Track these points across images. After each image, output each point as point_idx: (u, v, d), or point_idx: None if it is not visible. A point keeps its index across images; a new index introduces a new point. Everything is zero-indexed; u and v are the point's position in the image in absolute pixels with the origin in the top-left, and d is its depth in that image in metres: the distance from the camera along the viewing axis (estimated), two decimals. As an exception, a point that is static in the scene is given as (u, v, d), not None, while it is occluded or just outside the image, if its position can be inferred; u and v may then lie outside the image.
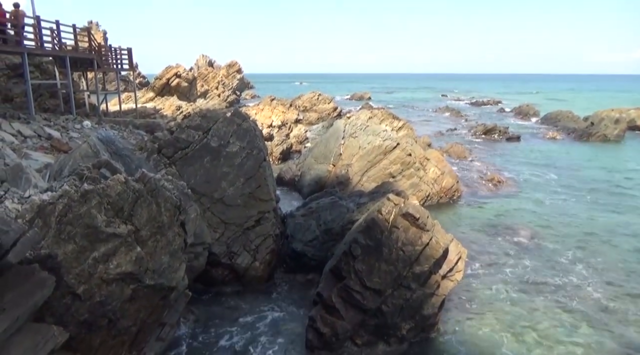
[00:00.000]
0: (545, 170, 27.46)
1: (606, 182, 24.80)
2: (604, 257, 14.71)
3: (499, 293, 12.35)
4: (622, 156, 32.96)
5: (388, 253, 9.67)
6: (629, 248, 15.55)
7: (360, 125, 23.60)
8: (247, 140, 12.64)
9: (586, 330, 10.63)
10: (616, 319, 11.12)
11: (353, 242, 9.86)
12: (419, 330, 9.65)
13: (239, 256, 11.60)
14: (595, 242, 16.04)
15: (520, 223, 17.91)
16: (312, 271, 12.24)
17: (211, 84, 58.31)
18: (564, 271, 13.69)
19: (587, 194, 22.41)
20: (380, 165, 20.54)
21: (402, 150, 20.74)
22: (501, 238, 16.44)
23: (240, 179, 12.17)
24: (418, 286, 9.63)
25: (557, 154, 33.06)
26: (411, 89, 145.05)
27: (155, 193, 7.04)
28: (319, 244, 12.69)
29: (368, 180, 19.93)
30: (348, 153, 21.26)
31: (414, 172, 20.53)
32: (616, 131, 40.25)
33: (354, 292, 9.25)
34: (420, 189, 20.11)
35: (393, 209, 10.28)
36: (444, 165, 21.63)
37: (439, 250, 9.89)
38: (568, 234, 16.81)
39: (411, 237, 9.85)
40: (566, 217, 18.80)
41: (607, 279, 13.18)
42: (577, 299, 12.04)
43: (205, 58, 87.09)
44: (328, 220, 13.18)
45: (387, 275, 9.46)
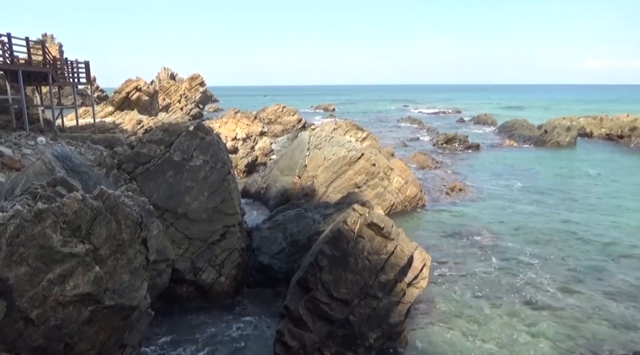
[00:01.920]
0: (504, 177, 28.48)
1: (560, 186, 25.95)
2: (561, 257, 15.34)
3: (463, 297, 12.64)
4: (574, 162, 34.62)
5: (354, 263, 9.75)
6: (583, 247, 16.27)
7: (324, 136, 23.82)
8: (210, 154, 12.51)
9: (548, 328, 11.01)
10: (576, 315, 11.58)
11: (319, 253, 9.88)
12: (386, 338, 9.73)
13: (204, 272, 11.39)
14: (552, 243, 16.71)
15: (482, 228, 18.45)
16: (279, 284, 12.15)
17: (173, 97, 57.43)
18: (525, 272, 14.18)
19: (543, 198, 23.39)
20: (345, 176, 20.73)
21: (367, 161, 21.03)
22: (464, 243, 16.88)
23: (205, 193, 12.00)
24: (384, 295, 9.73)
25: (515, 161, 34.38)
26: (375, 100, 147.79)
27: (115, 210, 6.85)
28: (286, 257, 12.64)
29: (334, 191, 20.06)
30: (313, 164, 21.37)
31: (378, 182, 20.84)
32: (568, 138, 42.31)
33: (321, 303, 9.25)
34: (385, 198, 20.42)
35: (358, 219, 10.38)
36: (407, 175, 22.06)
37: (403, 258, 10.06)
38: (527, 236, 17.45)
39: (376, 247, 9.98)
40: (525, 220, 19.52)
41: (565, 278, 13.74)
42: (538, 298, 12.48)
43: (167, 71, 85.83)
44: (294, 232, 13.16)
45: (354, 285, 9.53)
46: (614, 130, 45.98)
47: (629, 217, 19.82)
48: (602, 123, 49.15)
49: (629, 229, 18.18)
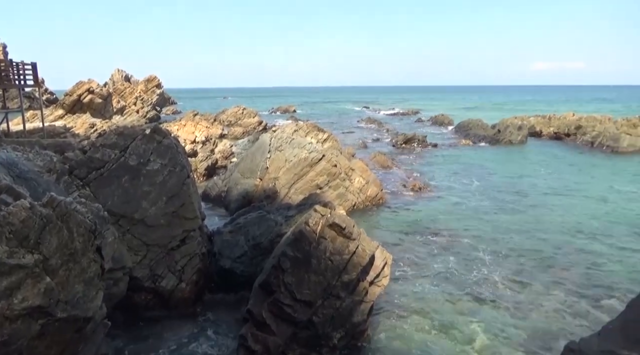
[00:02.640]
0: (461, 175, 29.40)
1: (513, 183, 27.06)
2: (512, 252, 15.98)
3: (424, 293, 12.95)
4: (525, 159, 36.19)
5: (317, 264, 9.78)
6: (532, 242, 17.03)
7: (286, 138, 23.77)
8: (168, 158, 12.21)
9: (500, 319, 11.50)
10: (525, 306, 12.15)
11: (282, 255, 9.85)
12: (350, 338, 9.83)
13: (164, 278, 11.09)
14: (505, 239, 17.38)
15: (440, 225, 18.97)
16: (242, 288, 12.00)
17: (128, 99, 55.63)
18: (479, 267, 14.70)
19: (497, 195, 24.30)
20: (307, 177, 20.77)
21: (328, 162, 21.16)
22: (423, 240, 17.29)
23: (163, 197, 11.70)
24: (347, 295, 9.83)
25: (471, 159, 35.55)
26: (336, 101, 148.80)
27: (66, 218, 6.56)
28: (248, 260, 12.51)
29: (295, 193, 20.05)
30: (275, 166, 21.28)
31: (340, 182, 21.02)
32: (519, 137, 44.17)
33: (285, 306, 9.22)
34: (346, 198, 20.61)
35: (320, 220, 10.42)
36: (368, 175, 22.37)
37: (365, 257, 10.18)
38: (482, 233, 18.08)
39: (338, 247, 10.06)
40: (480, 217, 20.22)
41: (515, 272, 14.34)
42: (490, 292, 13.00)
43: (121, 73, 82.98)
44: (256, 235, 13.06)
45: (317, 286, 9.56)
46: (561, 128, 48.40)
47: (574, 213, 20.92)
48: (550, 122, 51.65)
49: (574, 224, 19.15)
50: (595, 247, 16.45)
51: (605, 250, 16.13)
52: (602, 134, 41.90)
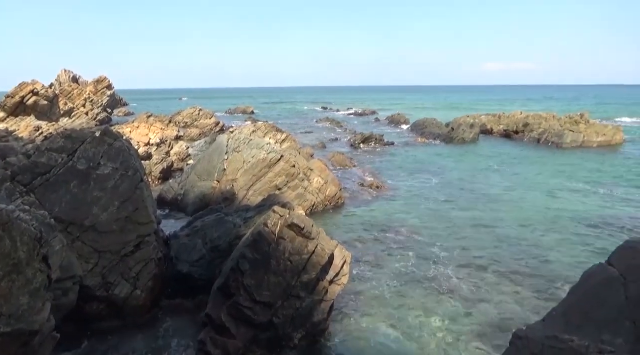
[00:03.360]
0: (418, 173, 30.13)
1: (467, 180, 28.01)
2: (467, 248, 16.53)
3: (383, 290, 13.17)
4: (478, 157, 37.53)
5: (276, 265, 9.75)
6: (486, 237, 17.69)
7: (243, 139, 23.50)
8: (120, 161, 11.78)
9: (458, 311, 11.89)
10: (480, 298, 12.61)
11: (240, 257, 9.76)
12: (311, 337, 9.86)
13: (117, 286, 10.69)
14: (460, 235, 17.96)
15: (398, 223, 19.35)
16: (200, 293, 11.75)
17: (77, 101, 53.27)
18: (436, 264, 15.11)
19: (453, 191, 25.09)
20: (265, 178, 20.65)
21: (287, 163, 21.12)
22: (382, 238, 17.58)
23: (115, 202, 11.28)
24: (307, 294, 9.86)
25: (427, 157, 36.52)
26: (295, 102, 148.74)
27: (9, 227, 6.20)
28: (207, 264, 12.29)
29: (254, 194, 19.88)
30: (232, 168, 21.01)
31: (299, 183, 21.02)
32: (472, 135, 45.79)
33: (245, 308, 9.13)
34: (305, 199, 20.64)
35: (279, 220, 10.41)
36: (327, 175, 22.49)
37: (324, 257, 10.25)
38: (439, 229, 18.61)
39: (298, 247, 10.07)
40: (436, 214, 20.80)
41: (470, 267, 14.85)
42: (447, 286, 13.40)
43: (68, 73, 79.33)
44: (214, 237, 12.84)
45: (277, 287, 9.53)
46: (510, 126, 50.60)
47: (524, 207, 21.94)
48: (500, 120, 53.89)
49: (524, 218, 20.06)
50: (542, 240, 17.30)
51: (551, 242, 16.99)
52: (547, 131, 44.16)
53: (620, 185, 26.07)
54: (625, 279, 4.79)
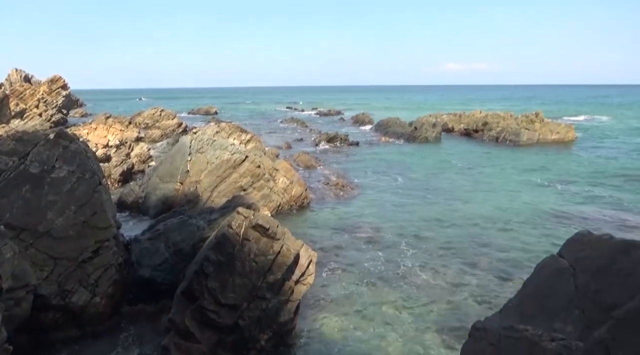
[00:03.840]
0: (382, 172, 30.55)
1: (431, 178, 28.64)
2: (432, 244, 16.89)
3: (349, 289, 13.28)
4: (441, 155, 38.45)
5: (241, 266, 9.66)
6: (450, 233, 18.15)
7: (207, 140, 23.13)
8: (76, 164, 11.35)
9: (424, 306, 12.14)
10: (445, 293, 12.93)
11: (204, 260, 9.60)
12: (277, 338, 9.82)
13: (75, 294, 10.28)
14: (426, 231, 18.34)
15: (364, 221, 19.55)
16: (163, 297, 11.48)
17: (29, 102, 50.90)
18: (402, 260, 15.37)
19: (417, 189, 25.60)
20: (230, 179, 20.40)
21: (251, 163, 20.94)
22: (349, 237, 17.72)
23: (71, 207, 10.85)
24: (273, 295, 9.81)
25: (391, 156, 37.09)
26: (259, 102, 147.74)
27: (-48, 234, 5.87)
28: (169, 267, 12.01)
29: (219, 196, 19.61)
30: (196, 169, 20.64)
31: (264, 183, 20.89)
32: (434, 134, 46.85)
33: (209, 312, 8.99)
34: (271, 199, 20.54)
35: (243, 221, 10.31)
36: (292, 175, 22.46)
37: (290, 257, 10.24)
38: (404, 226, 18.91)
39: (263, 248, 10.01)
40: (401, 212, 21.15)
41: (435, 262, 15.20)
42: (413, 282, 13.68)
43: (19, 73, 75.61)
44: (177, 240, 12.57)
45: (242, 289, 9.44)
46: (470, 125, 52.12)
47: (484, 204, 22.66)
48: (461, 119, 55.42)
49: (484, 214, 20.72)
50: (502, 234, 17.91)
51: (511, 236, 17.62)
52: (505, 129, 45.76)
53: (573, 180, 27.33)
54: (575, 270, 5.04)
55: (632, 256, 4.50)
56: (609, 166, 31.54)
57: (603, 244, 5.00)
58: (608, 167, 31.07)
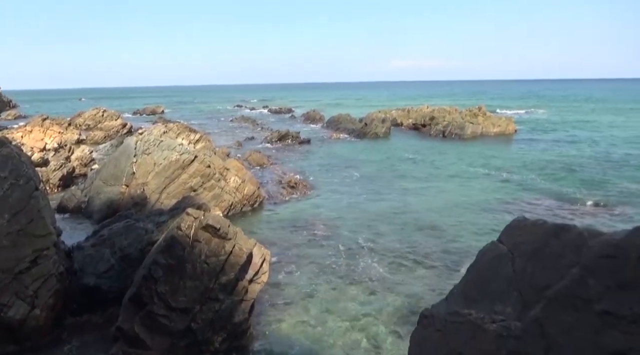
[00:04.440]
0: (335, 168, 30.82)
1: (384, 173, 29.21)
2: (387, 237, 17.24)
3: (304, 286, 13.32)
4: (392, 150, 39.30)
5: (192, 268, 9.44)
6: (403, 226, 18.56)
7: (153, 140, 22.41)
8: (9, 169, 10.64)
9: (379, 298, 12.39)
10: (399, 284, 13.28)
11: (153, 263, 9.31)
12: (232, 339, 9.69)
13: (11, 307, 9.63)
14: (380, 225, 18.62)
15: (318, 219, 19.64)
16: (110, 306, 11.03)
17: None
18: (358, 254, 15.59)
19: (370, 184, 26.03)
20: (179, 180, 19.87)
21: (201, 163, 20.49)
22: (303, 234, 17.75)
23: (5, 215, 10.16)
24: (226, 296, 9.67)
25: (343, 152, 37.49)
26: (208, 101, 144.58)
27: None
28: (116, 274, 11.54)
29: (168, 197, 19.05)
30: (142, 171, 19.93)
31: (215, 183, 20.51)
32: (384, 129, 47.81)
33: (159, 317, 8.73)
34: (222, 199, 20.21)
35: (193, 222, 10.08)
36: (244, 174, 22.19)
37: (242, 256, 10.12)
38: (358, 222, 19.14)
39: (214, 248, 9.84)
40: (356, 207, 21.44)
41: (390, 254, 15.54)
42: (369, 275, 13.93)
43: (-58, 72, 69.71)
44: (124, 245, 12.09)
45: (194, 291, 9.24)
46: (418, 120, 53.62)
47: (434, 195, 23.46)
48: (409, 114, 56.89)
49: (435, 205, 21.42)
50: (451, 224, 18.55)
51: (459, 226, 18.31)
52: (451, 123, 47.46)
53: (514, 170, 28.80)
54: (513, 254, 5.31)
55: (561, 239, 4.82)
56: (546, 156, 33.53)
57: (537, 229, 5.29)
58: (545, 158, 33.01)
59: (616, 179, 25.44)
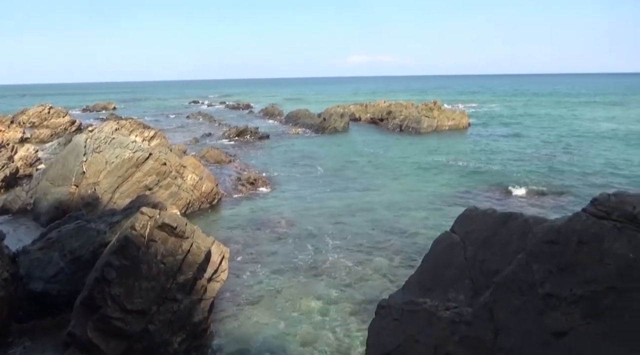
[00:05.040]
0: (295, 163, 30.78)
1: (344, 168, 29.40)
2: (348, 232, 17.32)
3: (265, 283, 13.25)
4: (351, 144, 39.64)
5: (148, 269, 9.18)
6: (362, 220, 18.77)
7: (104, 138, 21.53)
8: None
9: (339, 292, 12.50)
10: (359, 277, 13.44)
11: (105, 265, 8.97)
12: (192, 339, 9.52)
13: (-50, 318, 9.06)
14: (342, 221, 18.67)
15: (279, 215, 19.54)
16: (61, 311, 10.54)
17: None
18: (320, 250, 15.62)
19: (330, 179, 26.16)
20: (133, 178, 19.21)
21: (156, 160, 19.89)
22: (263, 231, 17.63)
23: (-61, 220, 9.49)
24: (184, 295, 9.48)
25: (302, 148, 37.46)
26: (163, 97, 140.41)
27: None
28: (66, 278, 11.02)
29: (121, 197, 18.40)
30: (93, 170, 19.13)
31: (171, 181, 19.99)
32: (342, 124, 48.17)
33: (114, 320, 8.44)
34: (180, 197, 19.74)
35: (148, 222, 9.78)
36: (201, 171, 21.73)
37: (200, 255, 9.94)
38: (318, 217, 19.17)
39: (171, 248, 9.60)
40: (315, 203, 21.48)
41: (351, 248, 15.68)
42: (330, 269, 14.01)
43: None
44: (74, 248, 11.56)
45: (150, 292, 8.98)
46: (376, 114, 54.38)
47: (394, 189, 23.89)
48: (367, 109, 57.62)
49: (393, 200, 21.78)
50: (410, 217, 18.93)
51: (418, 218, 18.70)
52: (407, 118, 48.42)
53: (468, 162, 29.79)
54: (464, 243, 5.52)
55: (509, 227, 5.05)
56: (496, 148, 34.91)
57: (487, 218, 5.53)
58: (495, 149, 34.37)
59: (560, 169, 26.87)
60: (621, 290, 3.81)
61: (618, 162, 28.73)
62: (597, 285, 3.93)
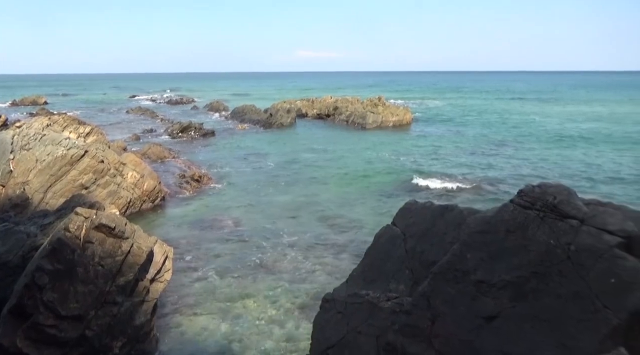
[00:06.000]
0: (241, 159, 30.37)
1: (292, 163, 29.38)
2: (295, 229, 17.33)
3: (211, 282, 13.03)
4: (297, 139, 39.72)
5: (84, 272, 8.73)
6: (312, 215, 18.90)
7: (34, 134, 20.19)
8: None
9: (288, 290, 12.45)
10: (309, 271, 13.58)
11: (36, 270, 8.43)
12: (134, 343, 9.20)
13: None
14: (289, 217, 18.67)
15: (225, 213, 19.23)
16: (-13, 320, 9.82)
17: None
18: (267, 247, 15.54)
19: (276, 176, 26.05)
20: (67, 177, 18.17)
21: (93, 158, 18.92)
22: (209, 230, 17.28)
23: None
24: (125, 298, 9.13)
25: (249, 143, 37.03)
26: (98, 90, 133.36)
27: None
28: (-7, 285, 10.27)
29: (54, 197, 17.36)
30: (22, 168, 17.88)
31: (110, 179, 19.09)
32: (289, 119, 48.13)
33: (47, 327, 7.97)
34: (119, 196, 18.91)
35: (83, 223, 9.30)
36: (143, 168, 20.93)
37: (142, 255, 9.60)
38: (265, 214, 19.07)
39: (109, 249, 9.20)
40: (263, 199, 21.31)
41: (300, 245, 15.71)
42: (277, 268, 13.97)
43: None
44: (1, 252, 10.76)
45: (87, 296, 8.56)
46: (322, 110, 54.81)
47: (342, 183, 24.21)
48: (313, 105, 57.86)
49: (342, 194, 22.13)
50: (357, 211, 19.31)
51: (365, 212, 19.09)
52: (353, 113, 49.19)
53: (410, 156, 30.80)
54: (405, 235, 5.73)
55: (446, 218, 5.30)
56: (437, 143, 36.35)
57: (426, 211, 5.76)
58: (436, 143, 35.80)
59: (495, 161, 28.45)
60: (542, 275, 4.13)
61: (548, 156, 30.85)
62: (522, 271, 4.23)
